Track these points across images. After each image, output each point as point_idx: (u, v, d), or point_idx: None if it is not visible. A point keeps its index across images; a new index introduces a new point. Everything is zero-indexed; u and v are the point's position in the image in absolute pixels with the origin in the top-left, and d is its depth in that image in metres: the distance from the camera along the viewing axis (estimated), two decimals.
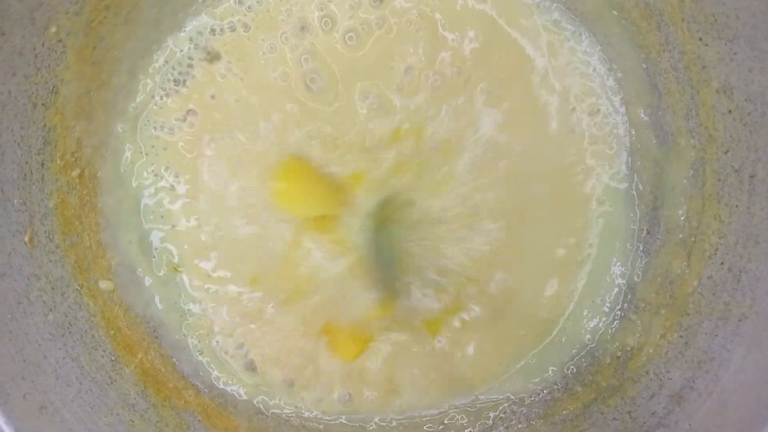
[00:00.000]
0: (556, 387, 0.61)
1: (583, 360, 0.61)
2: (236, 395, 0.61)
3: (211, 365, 0.61)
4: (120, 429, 0.53)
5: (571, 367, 0.61)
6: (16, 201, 0.51)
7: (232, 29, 0.60)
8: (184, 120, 0.60)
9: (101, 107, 0.57)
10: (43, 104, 0.52)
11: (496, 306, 0.61)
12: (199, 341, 0.61)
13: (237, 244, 0.61)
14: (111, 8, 0.54)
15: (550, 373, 0.61)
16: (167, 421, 0.56)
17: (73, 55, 0.53)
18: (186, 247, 0.61)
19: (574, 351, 0.61)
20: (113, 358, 0.56)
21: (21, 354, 0.49)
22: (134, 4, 0.56)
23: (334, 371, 0.61)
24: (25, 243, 0.52)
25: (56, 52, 0.52)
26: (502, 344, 0.61)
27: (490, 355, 0.61)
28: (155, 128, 0.60)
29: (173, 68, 0.60)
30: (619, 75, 0.60)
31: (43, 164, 0.53)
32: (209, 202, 0.60)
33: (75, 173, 0.56)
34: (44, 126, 0.53)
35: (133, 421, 0.54)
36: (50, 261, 0.54)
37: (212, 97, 0.60)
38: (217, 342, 0.61)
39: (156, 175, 0.60)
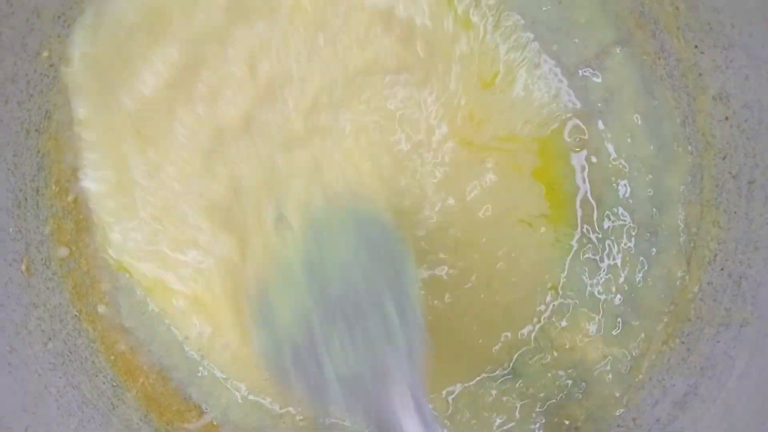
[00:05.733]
0: (560, 395, 0.61)
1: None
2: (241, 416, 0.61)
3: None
4: None
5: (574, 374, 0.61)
6: (11, 229, 0.51)
7: None
8: None
9: None
10: (36, 130, 0.52)
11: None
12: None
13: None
14: None
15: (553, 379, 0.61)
16: None
17: None
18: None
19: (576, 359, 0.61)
20: (114, 384, 0.56)
21: (22, 386, 0.49)
22: None
23: None
24: (22, 272, 0.51)
25: (48, 77, 0.52)
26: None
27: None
28: None
29: None
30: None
31: (37, 191, 0.53)
32: None
33: (70, 198, 0.55)
34: (38, 152, 0.52)
35: None
36: (47, 288, 0.53)
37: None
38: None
39: None
